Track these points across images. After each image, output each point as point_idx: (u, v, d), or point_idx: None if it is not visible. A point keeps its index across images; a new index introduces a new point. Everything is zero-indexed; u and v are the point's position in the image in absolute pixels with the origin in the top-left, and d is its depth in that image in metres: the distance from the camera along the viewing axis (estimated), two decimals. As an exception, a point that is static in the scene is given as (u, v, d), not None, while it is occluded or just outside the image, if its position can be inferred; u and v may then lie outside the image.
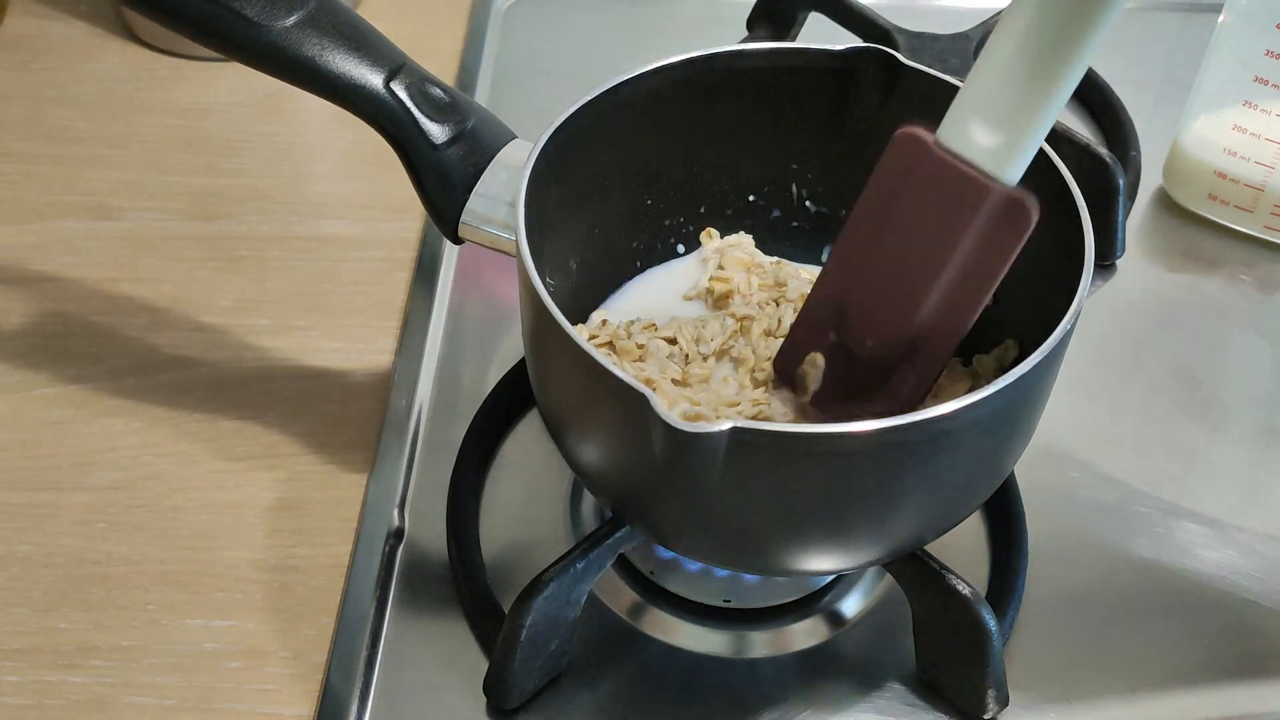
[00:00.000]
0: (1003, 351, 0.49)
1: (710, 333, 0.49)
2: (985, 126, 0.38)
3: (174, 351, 0.61)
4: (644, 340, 0.50)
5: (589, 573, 0.46)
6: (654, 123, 0.51)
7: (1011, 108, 0.38)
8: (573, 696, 0.48)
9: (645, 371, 0.48)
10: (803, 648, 0.50)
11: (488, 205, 0.48)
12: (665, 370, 0.48)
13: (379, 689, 0.49)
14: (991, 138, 0.38)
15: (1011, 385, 0.39)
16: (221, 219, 0.68)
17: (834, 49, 0.50)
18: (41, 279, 0.64)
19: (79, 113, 0.74)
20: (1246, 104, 0.63)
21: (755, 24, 0.75)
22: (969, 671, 0.47)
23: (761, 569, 0.49)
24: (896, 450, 0.39)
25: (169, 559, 0.53)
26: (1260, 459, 0.58)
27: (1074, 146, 0.62)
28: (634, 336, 0.50)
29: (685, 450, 0.37)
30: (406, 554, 0.53)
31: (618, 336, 0.50)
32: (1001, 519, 0.53)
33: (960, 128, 0.39)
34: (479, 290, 0.64)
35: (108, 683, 0.49)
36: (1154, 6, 0.82)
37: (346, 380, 0.60)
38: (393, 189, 0.68)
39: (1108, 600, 0.52)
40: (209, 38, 0.47)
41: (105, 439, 0.57)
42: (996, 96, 0.38)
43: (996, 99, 0.38)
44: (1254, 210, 0.66)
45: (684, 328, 0.50)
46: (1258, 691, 0.50)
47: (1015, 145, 0.39)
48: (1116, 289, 0.65)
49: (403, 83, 0.48)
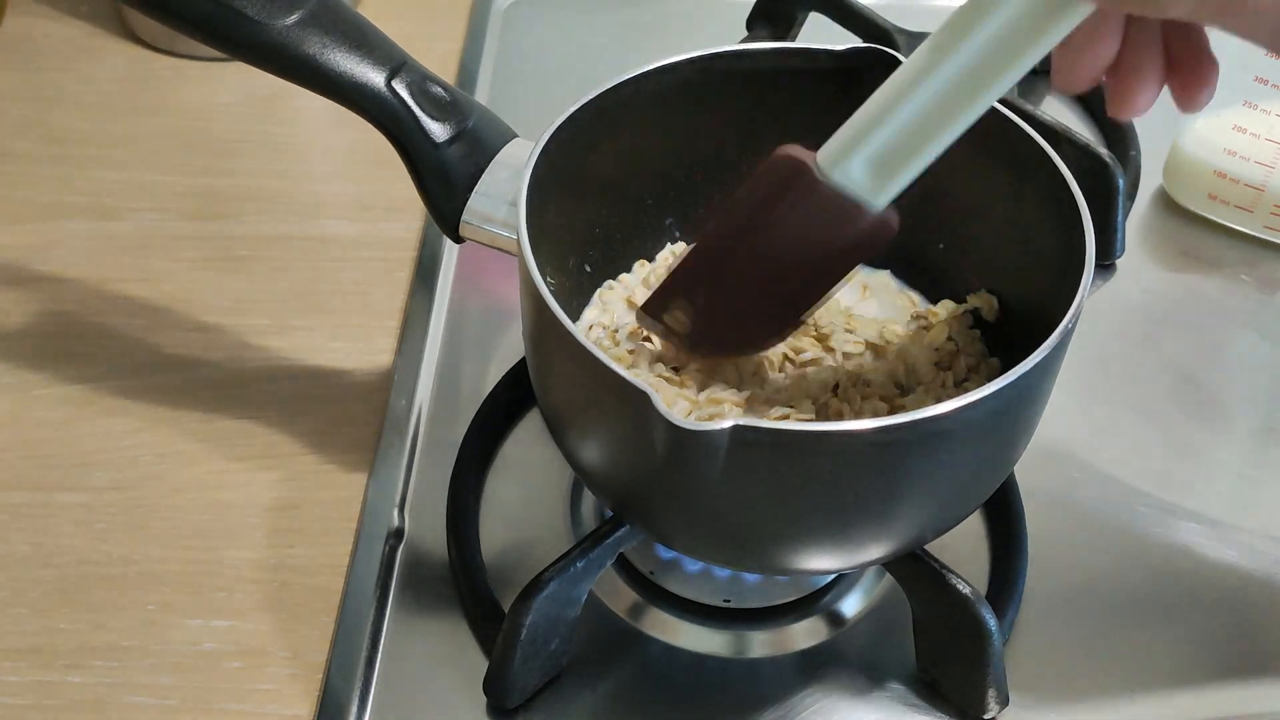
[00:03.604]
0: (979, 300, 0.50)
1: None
2: (867, 168, 0.40)
3: (174, 351, 0.61)
4: (633, 346, 0.50)
5: (589, 572, 0.46)
6: (654, 123, 0.51)
7: (895, 156, 0.40)
8: (573, 696, 0.48)
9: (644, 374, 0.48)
10: (803, 648, 0.50)
11: (489, 204, 0.49)
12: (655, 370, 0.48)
13: (379, 689, 0.49)
14: (871, 179, 0.40)
15: (1011, 385, 0.39)
16: (221, 219, 0.68)
17: (834, 49, 0.50)
18: (41, 279, 0.64)
19: (79, 113, 0.74)
20: (1246, 104, 0.63)
21: (755, 24, 0.75)
22: (969, 671, 0.47)
23: (762, 568, 0.49)
24: (897, 449, 0.39)
25: (169, 559, 0.53)
26: (1260, 459, 0.58)
27: (1074, 146, 0.62)
28: (622, 345, 0.50)
29: (686, 448, 0.37)
30: (406, 554, 0.53)
31: (603, 346, 0.50)
32: (1001, 519, 0.53)
33: (843, 165, 0.40)
34: (479, 290, 0.64)
35: (107, 683, 0.49)
36: (1154, 7, 0.82)
37: (346, 380, 0.60)
38: (393, 189, 0.68)
39: (1108, 600, 0.52)
40: (210, 36, 0.47)
41: (105, 439, 0.57)
42: (883, 143, 0.40)
43: (882, 145, 0.40)
44: (1254, 210, 0.66)
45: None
46: (1258, 691, 0.50)
47: (891, 186, 0.41)
48: (1116, 289, 0.65)
49: (404, 81, 0.48)
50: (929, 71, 0.38)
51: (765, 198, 0.43)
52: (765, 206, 0.43)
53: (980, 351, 0.50)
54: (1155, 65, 0.36)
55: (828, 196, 0.41)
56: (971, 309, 0.50)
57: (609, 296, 0.53)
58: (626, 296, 0.52)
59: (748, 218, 0.43)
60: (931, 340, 0.50)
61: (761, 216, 0.43)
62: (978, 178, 0.48)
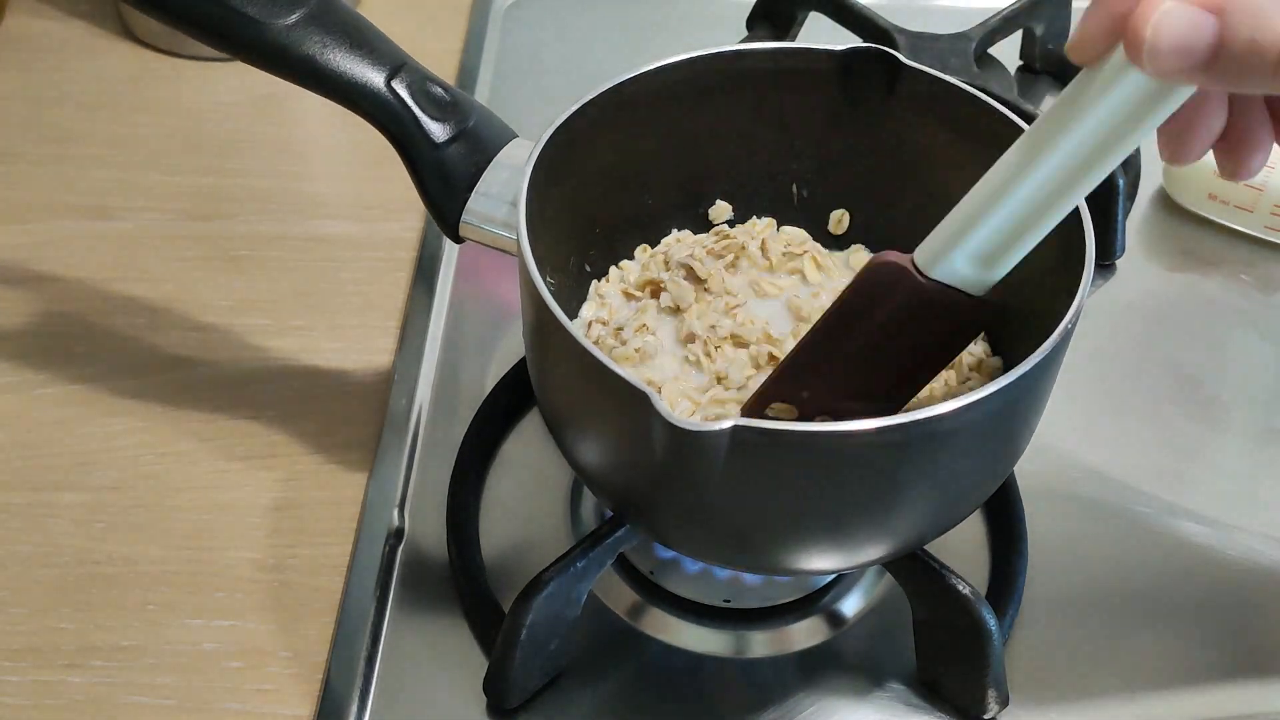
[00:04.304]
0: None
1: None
2: (969, 263, 0.40)
3: (174, 351, 0.61)
4: (639, 344, 0.50)
5: (589, 572, 0.46)
6: (654, 122, 0.51)
7: (997, 250, 0.40)
8: (573, 696, 0.48)
9: (647, 373, 0.48)
10: (803, 648, 0.50)
11: (489, 204, 0.49)
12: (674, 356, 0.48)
13: (379, 689, 0.49)
14: (974, 271, 0.40)
15: (1012, 385, 0.39)
16: (221, 219, 0.68)
17: (834, 49, 0.50)
18: (41, 279, 0.64)
19: (79, 113, 0.74)
20: (1246, 104, 0.63)
21: (755, 24, 0.75)
22: (969, 671, 0.47)
23: (762, 568, 0.49)
24: (897, 449, 0.39)
25: (169, 559, 0.53)
26: (1260, 459, 0.58)
27: (1074, 147, 0.62)
28: (630, 343, 0.50)
29: (686, 449, 0.37)
30: (406, 554, 0.53)
31: (605, 345, 0.50)
32: (1001, 519, 0.53)
33: (944, 263, 0.40)
34: (479, 290, 0.64)
35: (107, 683, 0.49)
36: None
37: (346, 380, 0.60)
38: (393, 189, 0.68)
39: (1107, 600, 0.52)
40: (210, 36, 0.47)
41: (105, 439, 0.57)
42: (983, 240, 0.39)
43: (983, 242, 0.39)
44: (1254, 210, 0.66)
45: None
46: (1258, 691, 0.50)
47: (994, 274, 0.41)
48: (1116, 289, 0.65)
49: (404, 81, 0.48)
50: (1028, 168, 0.37)
51: (869, 304, 0.43)
52: (869, 312, 0.43)
53: (982, 350, 0.50)
54: (1265, 128, 0.36)
55: (931, 293, 0.41)
56: None
57: (605, 289, 0.52)
58: (623, 288, 0.52)
59: (852, 324, 0.43)
60: None
61: (866, 322, 0.43)
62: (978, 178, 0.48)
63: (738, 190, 0.55)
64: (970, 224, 0.39)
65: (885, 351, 0.43)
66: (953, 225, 0.40)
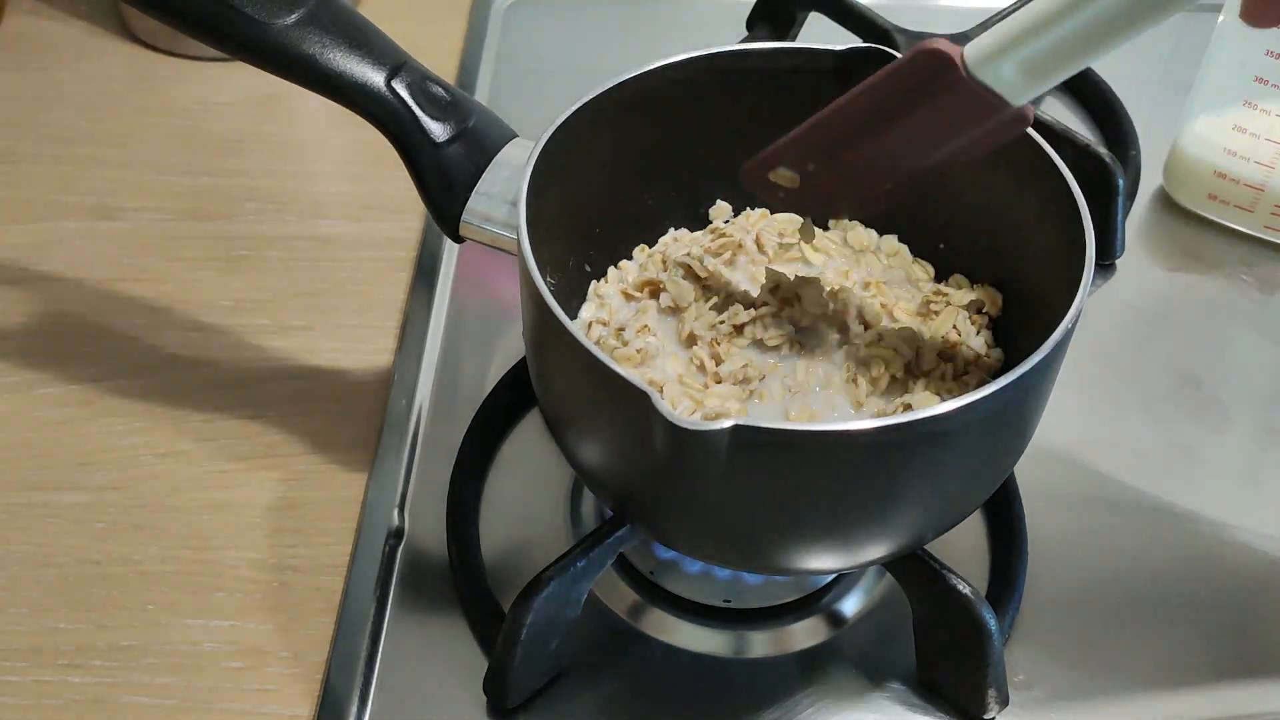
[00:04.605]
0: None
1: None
2: (1018, 71, 0.40)
3: (174, 351, 0.61)
4: (641, 345, 0.50)
5: (589, 572, 0.46)
6: (654, 122, 0.51)
7: (1051, 63, 0.39)
8: (573, 696, 0.48)
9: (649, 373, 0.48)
10: (803, 648, 0.50)
11: (489, 204, 0.49)
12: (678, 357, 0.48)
13: (379, 689, 0.49)
14: (1021, 80, 0.40)
15: (1011, 385, 0.39)
16: (221, 219, 0.68)
17: (834, 49, 0.50)
18: (41, 279, 0.64)
19: (79, 113, 0.74)
20: (1246, 104, 0.63)
21: (755, 24, 0.75)
22: (969, 671, 0.47)
23: (762, 568, 0.49)
24: (897, 449, 0.39)
25: (169, 559, 0.53)
26: (1260, 459, 0.58)
27: (1074, 146, 0.62)
28: (632, 343, 0.50)
29: (687, 448, 0.37)
30: (406, 554, 0.53)
31: (605, 345, 0.50)
32: (1001, 519, 0.53)
33: (993, 66, 0.40)
34: (479, 290, 0.64)
35: (107, 683, 0.49)
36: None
37: (346, 380, 0.60)
38: (393, 189, 0.68)
39: (1107, 600, 0.52)
40: (210, 35, 0.47)
41: (105, 439, 0.57)
42: (1040, 50, 0.39)
43: (1039, 52, 0.39)
44: (1254, 210, 0.66)
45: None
46: (1258, 691, 0.50)
47: (1040, 86, 0.40)
48: (1116, 289, 0.65)
49: (404, 81, 0.48)
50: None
51: (905, 89, 0.42)
52: (903, 97, 0.42)
53: (986, 340, 0.50)
54: None
55: (972, 92, 0.40)
56: (976, 300, 0.50)
57: (604, 290, 0.52)
58: (622, 289, 0.52)
59: (882, 104, 0.42)
60: (937, 329, 0.49)
61: (894, 108, 0.42)
62: (978, 178, 0.49)
63: (738, 189, 0.55)
64: (1033, 33, 0.39)
65: (901, 143, 0.43)
66: (1013, 30, 0.39)
